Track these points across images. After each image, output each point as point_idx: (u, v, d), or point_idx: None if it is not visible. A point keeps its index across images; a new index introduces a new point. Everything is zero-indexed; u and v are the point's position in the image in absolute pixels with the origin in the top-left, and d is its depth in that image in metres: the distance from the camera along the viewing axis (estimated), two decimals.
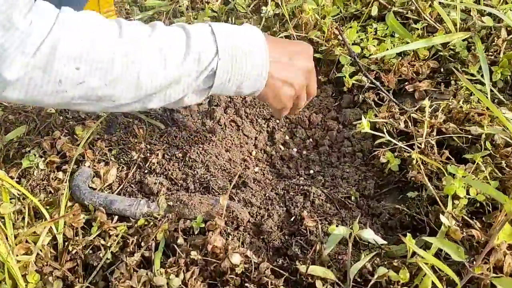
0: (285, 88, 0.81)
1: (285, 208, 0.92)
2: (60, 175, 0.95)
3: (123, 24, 0.67)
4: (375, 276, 0.70)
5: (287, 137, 1.15)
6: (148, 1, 1.54)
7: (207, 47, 0.71)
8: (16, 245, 0.77)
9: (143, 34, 0.68)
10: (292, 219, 0.88)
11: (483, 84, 1.03)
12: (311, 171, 1.06)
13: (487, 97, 0.99)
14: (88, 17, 0.65)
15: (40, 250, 0.79)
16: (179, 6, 1.47)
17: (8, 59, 0.57)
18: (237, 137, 1.12)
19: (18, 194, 0.86)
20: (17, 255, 0.77)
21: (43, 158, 0.96)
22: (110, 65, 0.64)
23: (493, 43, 1.14)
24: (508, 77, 1.09)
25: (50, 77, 0.61)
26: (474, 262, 0.67)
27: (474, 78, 1.08)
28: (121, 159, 1.02)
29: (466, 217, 0.78)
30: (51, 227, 0.81)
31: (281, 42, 0.82)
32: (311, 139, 1.15)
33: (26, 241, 0.79)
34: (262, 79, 0.77)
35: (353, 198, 0.94)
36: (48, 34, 0.59)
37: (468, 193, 0.81)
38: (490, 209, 0.82)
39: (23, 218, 0.85)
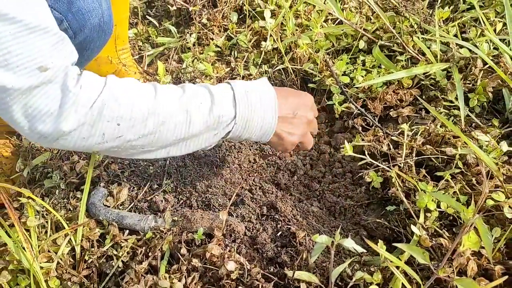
0: (288, 138, 0.93)
1: (279, 223, 1.01)
2: (78, 194, 1.06)
3: (158, 88, 0.80)
4: (353, 280, 0.80)
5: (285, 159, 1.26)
6: (159, 38, 1.69)
7: (227, 112, 0.83)
8: (39, 253, 0.88)
9: (174, 97, 0.80)
10: (284, 233, 0.98)
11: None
12: (306, 189, 1.16)
13: (459, 121, 1.09)
14: (129, 84, 0.78)
15: (60, 259, 0.90)
16: (187, 42, 1.61)
17: (64, 114, 0.69)
18: (237, 159, 1.23)
19: (42, 211, 0.97)
20: (40, 263, 0.87)
21: (63, 179, 1.09)
22: (144, 124, 0.77)
23: (471, 72, 1.24)
24: (485, 103, 1.19)
25: (96, 131, 0.73)
26: (438, 265, 0.76)
27: (453, 104, 1.19)
28: (132, 180, 1.13)
29: (436, 228, 0.87)
30: (70, 239, 0.92)
31: (287, 96, 0.93)
32: (306, 161, 1.25)
33: (48, 251, 0.90)
34: (270, 134, 0.91)
35: (341, 212, 1.04)
36: (97, 98, 0.72)
37: (439, 207, 0.90)
38: (462, 222, 0.91)
39: (46, 232, 0.96)
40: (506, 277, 0.71)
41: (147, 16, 1.81)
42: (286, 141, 0.94)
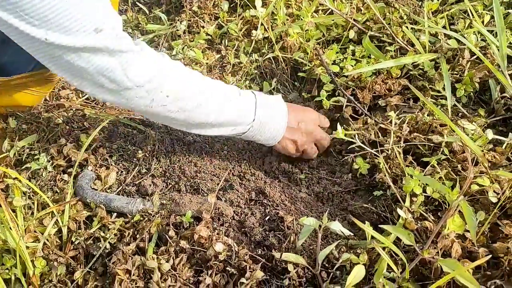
0: (290, 145, 1.12)
1: (267, 207, 1.02)
2: (66, 177, 1.05)
3: (203, 76, 1.00)
4: (340, 261, 0.81)
5: None
6: (149, 25, 1.68)
7: (248, 114, 1.03)
8: (25, 233, 0.88)
9: (218, 86, 1.01)
10: (272, 217, 0.98)
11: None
12: (295, 176, 1.16)
13: (446, 111, 1.11)
14: (181, 66, 0.97)
15: (47, 240, 0.90)
16: (177, 30, 1.60)
17: (132, 68, 0.83)
18: (226, 145, 1.23)
19: (28, 192, 0.96)
20: (26, 243, 0.87)
21: (50, 162, 1.08)
22: (188, 101, 0.94)
23: (458, 63, 1.26)
24: (472, 93, 1.21)
25: (149, 96, 0.88)
26: (423, 247, 0.77)
27: (440, 94, 1.20)
28: (120, 164, 1.13)
29: (422, 212, 0.88)
30: (57, 220, 0.92)
31: (294, 110, 1.12)
32: None
33: (35, 231, 0.90)
34: (277, 140, 1.10)
35: (329, 198, 1.05)
36: (158, 68, 0.88)
37: (425, 191, 0.91)
38: (447, 206, 0.92)
39: (32, 213, 0.95)
40: (489, 256, 0.72)
41: (137, 3, 1.80)
42: (289, 147, 1.12)
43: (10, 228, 0.83)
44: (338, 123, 1.09)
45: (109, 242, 0.92)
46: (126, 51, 0.81)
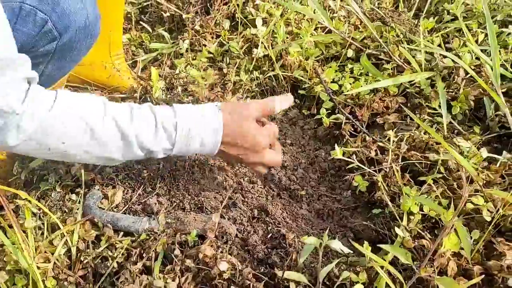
0: (234, 162, 1.04)
1: (269, 225, 1.05)
2: (73, 196, 1.09)
3: (107, 110, 0.85)
4: (340, 279, 0.84)
5: None
6: (152, 44, 1.72)
7: (166, 147, 0.92)
8: (37, 254, 0.91)
9: (121, 121, 0.86)
10: (274, 235, 1.01)
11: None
12: (296, 193, 1.19)
13: (442, 128, 1.14)
14: (79, 105, 0.83)
15: (57, 260, 0.93)
16: (180, 48, 1.64)
17: (9, 133, 0.76)
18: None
19: (38, 213, 1.00)
20: (37, 263, 0.90)
21: (59, 182, 1.11)
22: (88, 144, 0.85)
23: (454, 81, 1.30)
24: (467, 111, 1.25)
25: (40, 147, 0.81)
26: (420, 265, 0.80)
27: (436, 111, 1.24)
28: (126, 183, 1.16)
29: (419, 230, 0.91)
30: (66, 240, 0.95)
31: (230, 125, 0.95)
32: (298, 167, 1.29)
33: (45, 252, 0.93)
34: (212, 155, 0.98)
35: (329, 215, 1.08)
36: (43, 119, 0.78)
37: (422, 210, 0.95)
38: (443, 224, 0.95)
39: (42, 233, 0.99)
40: (483, 276, 0.75)
41: (141, 22, 1.84)
42: (234, 162, 1.04)
43: (22, 250, 0.86)
44: (336, 144, 1.12)
45: (116, 261, 0.95)
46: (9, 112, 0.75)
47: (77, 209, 1.04)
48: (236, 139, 0.96)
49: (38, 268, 0.89)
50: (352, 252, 0.89)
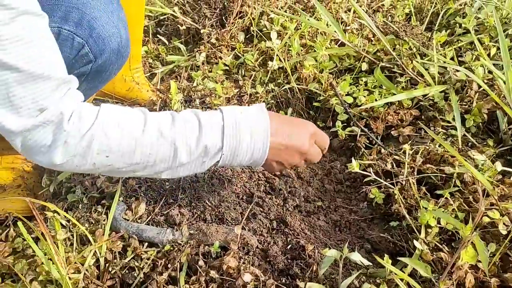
0: (277, 167, 0.98)
1: (289, 236, 1.08)
2: (99, 208, 1.13)
3: (148, 119, 0.85)
4: None
5: (292, 174, 1.33)
6: (169, 56, 1.76)
7: (214, 143, 0.87)
8: (68, 265, 0.95)
9: (163, 128, 0.84)
10: (294, 246, 1.05)
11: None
12: (314, 204, 1.22)
13: (457, 141, 1.17)
14: (119, 116, 0.83)
15: (87, 270, 0.96)
16: (196, 61, 1.68)
17: (56, 150, 0.78)
18: (244, 173, 1.29)
19: (68, 224, 1.04)
20: (68, 274, 0.94)
21: (85, 194, 1.15)
22: (132, 155, 0.83)
23: (467, 94, 1.32)
24: (480, 124, 1.27)
25: (87, 161, 0.81)
26: (440, 278, 0.83)
27: (450, 124, 1.26)
28: (149, 195, 1.20)
29: (437, 243, 0.94)
30: (95, 251, 0.99)
31: (282, 126, 0.93)
32: (314, 178, 1.32)
33: (75, 262, 0.97)
34: (260, 163, 0.95)
35: (346, 226, 1.11)
36: (87, 132, 0.79)
37: (439, 223, 0.97)
38: (461, 237, 0.98)
39: (71, 244, 1.02)
40: None
41: (157, 35, 1.88)
42: (276, 169, 0.99)
43: (54, 260, 0.90)
44: (353, 158, 1.15)
45: (143, 272, 0.98)
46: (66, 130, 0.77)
47: (103, 220, 1.08)
48: (284, 133, 0.94)
49: (70, 278, 0.93)
50: (371, 264, 0.92)
